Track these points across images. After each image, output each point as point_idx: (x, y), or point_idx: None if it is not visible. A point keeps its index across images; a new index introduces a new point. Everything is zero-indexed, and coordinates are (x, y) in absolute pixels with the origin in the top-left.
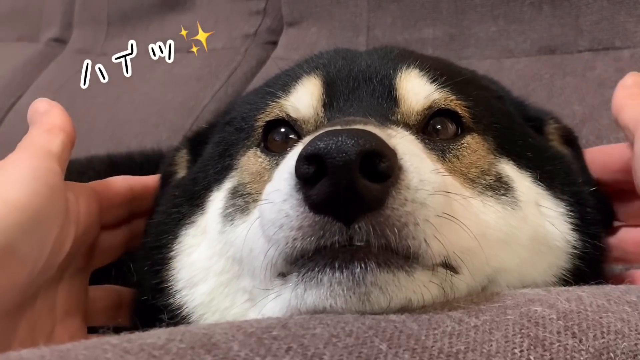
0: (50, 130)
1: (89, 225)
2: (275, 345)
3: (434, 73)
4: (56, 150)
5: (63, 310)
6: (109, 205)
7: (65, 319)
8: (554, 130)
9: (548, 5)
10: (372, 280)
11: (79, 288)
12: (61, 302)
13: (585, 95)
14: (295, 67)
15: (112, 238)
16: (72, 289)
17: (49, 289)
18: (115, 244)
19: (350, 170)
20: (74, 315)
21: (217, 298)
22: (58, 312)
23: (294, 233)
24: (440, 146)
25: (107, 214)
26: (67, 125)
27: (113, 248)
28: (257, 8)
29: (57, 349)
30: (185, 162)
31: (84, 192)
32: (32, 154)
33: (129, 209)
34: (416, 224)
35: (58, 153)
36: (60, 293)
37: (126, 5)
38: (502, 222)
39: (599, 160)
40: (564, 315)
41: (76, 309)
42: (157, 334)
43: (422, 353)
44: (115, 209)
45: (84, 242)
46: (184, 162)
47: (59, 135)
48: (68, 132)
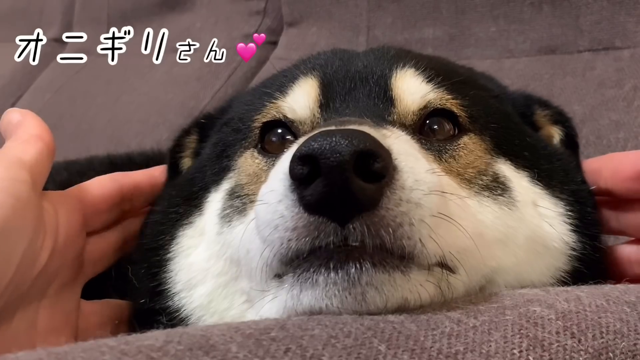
0: (27, 141)
1: (71, 236)
2: (273, 346)
3: (429, 73)
4: (29, 159)
5: (46, 327)
6: (93, 211)
7: (49, 336)
8: (543, 118)
9: (548, 5)
10: (367, 280)
11: (67, 303)
12: (44, 320)
13: (585, 95)
14: (292, 67)
15: (103, 243)
16: (58, 305)
17: (29, 305)
18: (107, 249)
19: (345, 170)
20: (60, 333)
21: (216, 300)
22: (40, 329)
23: (288, 234)
24: (436, 146)
25: (93, 219)
26: (44, 133)
27: (106, 254)
28: (257, 8)
29: (54, 351)
30: (193, 149)
31: (63, 201)
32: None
33: (120, 209)
34: (411, 224)
35: (31, 162)
36: (43, 310)
37: (126, 5)
38: (499, 222)
39: (610, 167)
40: (563, 316)
41: (63, 326)
42: (155, 335)
43: (421, 354)
44: (102, 214)
45: (68, 253)
46: (192, 148)
47: (36, 145)
48: (46, 141)
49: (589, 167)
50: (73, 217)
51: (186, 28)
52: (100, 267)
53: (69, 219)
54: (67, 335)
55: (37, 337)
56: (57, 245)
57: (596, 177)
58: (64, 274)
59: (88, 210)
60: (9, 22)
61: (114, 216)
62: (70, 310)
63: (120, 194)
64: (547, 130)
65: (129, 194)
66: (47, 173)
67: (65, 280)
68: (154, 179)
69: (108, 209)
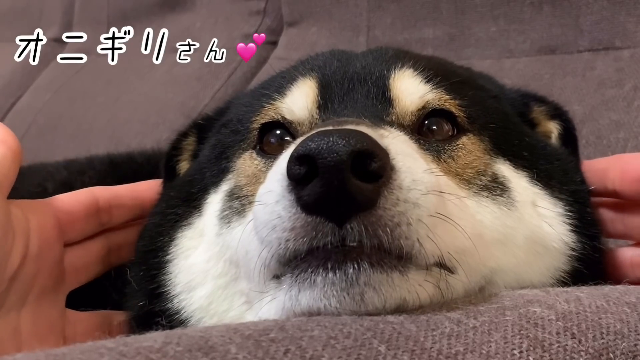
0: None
1: (45, 243)
2: (273, 347)
3: (428, 73)
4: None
5: (31, 334)
6: (69, 219)
7: (34, 343)
8: (540, 114)
9: (548, 5)
10: (365, 280)
11: (50, 311)
12: (27, 326)
13: (585, 95)
14: (290, 69)
15: (84, 254)
16: (40, 312)
17: (9, 312)
18: (89, 259)
19: (342, 170)
20: (45, 340)
21: (216, 301)
22: (24, 335)
23: (286, 234)
24: (435, 147)
25: (69, 229)
26: (8, 137)
27: (87, 265)
28: (257, 8)
29: (52, 352)
30: (191, 152)
31: (34, 208)
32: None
33: (97, 221)
34: (409, 224)
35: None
36: (25, 316)
37: (126, 5)
38: (498, 222)
39: (617, 168)
40: (563, 316)
41: (48, 333)
42: (154, 337)
43: (420, 354)
44: (78, 223)
45: (44, 260)
46: (190, 150)
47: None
48: (10, 145)
49: (595, 166)
50: (46, 224)
51: (186, 28)
52: (84, 277)
53: (42, 225)
54: (53, 342)
55: (22, 344)
56: (30, 251)
57: (602, 177)
58: (42, 281)
59: (63, 219)
60: (9, 22)
61: (91, 227)
62: (55, 318)
63: (95, 206)
64: (545, 126)
65: (107, 206)
66: (12, 177)
67: (46, 288)
68: (137, 193)
69: (84, 219)
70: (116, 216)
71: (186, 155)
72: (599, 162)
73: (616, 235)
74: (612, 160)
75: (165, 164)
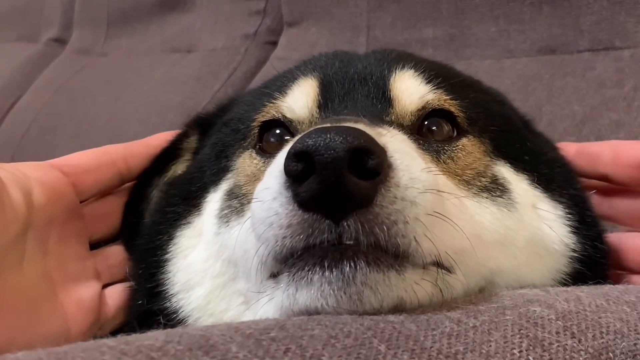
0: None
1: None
2: (273, 346)
3: (428, 74)
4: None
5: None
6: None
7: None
8: None
9: (548, 5)
10: (362, 279)
11: (76, 254)
12: (56, 270)
13: (585, 95)
14: (292, 68)
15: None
16: (66, 256)
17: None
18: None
19: (339, 167)
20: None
21: (214, 301)
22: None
23: (283, 231)
24: (435, 147)
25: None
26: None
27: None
28: (257, 8)
29: (54, 351)
30: (192, 151)
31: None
32: None
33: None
34: (406, 222)
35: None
36: (50, 260)
37: (126, 5)
38: (498, 223)
39: (610, 153)
40: (563, 316)
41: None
42: (155, 335)
43: (420, 354)
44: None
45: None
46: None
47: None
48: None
49: (588, 149)
50: (50, 177)
51: (186, 28)
52: (107, 226)
53: (44, 178)
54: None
55: (55, 284)
56: (37, 201)
57: (594, 160)
58: (60, 228)
59: (70, 172)
60: (9, 22)
61: (109, 178)
62: (83, 260)
63: (108, 158)
64: None
65: (121, 157)
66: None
67: (66, 235)
68: (149, 144)
69: (96, 170)
70: (133, 165)
71: (187, 155)
72: (592, 146)
73: (601, 217)
74: (605, 145)
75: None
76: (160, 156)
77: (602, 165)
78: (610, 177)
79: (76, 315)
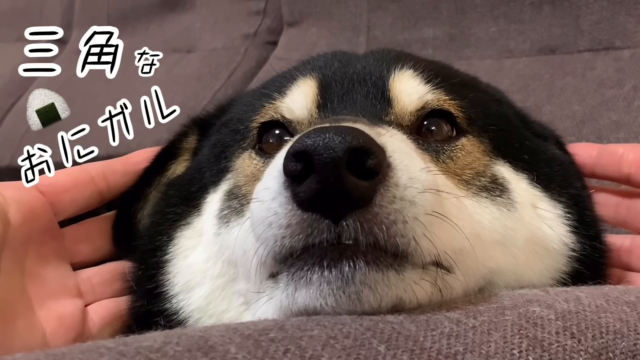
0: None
1: (27, 212)
2: (272, 347)
3: (428, 74)
4: None
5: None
6: (55, 190)
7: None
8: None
9: (548, 5)
10: (361, 279)
11: (56, 275)
12: (34, 289)
13: (585, 95)
14: (291, 69)
15: (84, 227)
16: (45, 276)
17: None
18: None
19: (338, 166)
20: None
21: (214, 302)
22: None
23: (282, 231)
24: (434, 147)
25: (57, 198)
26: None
27: (89, 236)
28: (257, 8)
29: (51, 352)
30: (190, 152)
31: (9, 185)
32: None
33: (95, 189)
34: (405, 221)
35: None
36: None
37: (126, 5)
38: (497, 223)
39: (635, 153)
40: (563, 316)
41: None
42: (154, 336)
43: (420, 354)
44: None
45: (31, 228)
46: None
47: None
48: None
49: (610, 150)
50: (26, 196)
51: (186, 28)
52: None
53: (20, 198)
54: (68, 299)
55: (32, 302)
56: (13, 220)
57: (618, 161)
58: (37, 248)
59: (48, 191)
60: (9, 22)
61: (88, 196)
62: (64, 280)
63: (87, 175)
64: None
65: (100, 175)
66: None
67: (44, 255)
68: (129, 160)
69: (73, 189)
70: (113, 183)
71: (185, 154)
72: (616, 147)
73: (617, 220)
74: (629, 146)
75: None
76: (160, 155)
77: (627, 166)
78: (632, 179)
79: (57, 331)
